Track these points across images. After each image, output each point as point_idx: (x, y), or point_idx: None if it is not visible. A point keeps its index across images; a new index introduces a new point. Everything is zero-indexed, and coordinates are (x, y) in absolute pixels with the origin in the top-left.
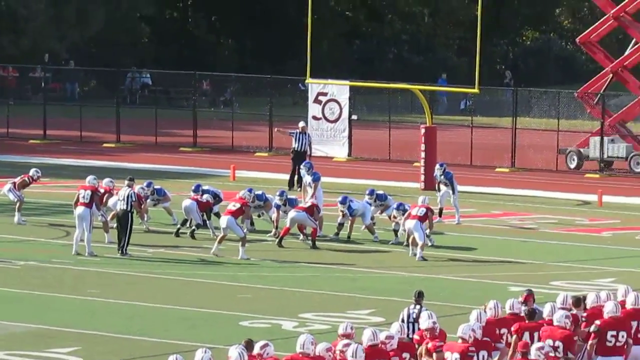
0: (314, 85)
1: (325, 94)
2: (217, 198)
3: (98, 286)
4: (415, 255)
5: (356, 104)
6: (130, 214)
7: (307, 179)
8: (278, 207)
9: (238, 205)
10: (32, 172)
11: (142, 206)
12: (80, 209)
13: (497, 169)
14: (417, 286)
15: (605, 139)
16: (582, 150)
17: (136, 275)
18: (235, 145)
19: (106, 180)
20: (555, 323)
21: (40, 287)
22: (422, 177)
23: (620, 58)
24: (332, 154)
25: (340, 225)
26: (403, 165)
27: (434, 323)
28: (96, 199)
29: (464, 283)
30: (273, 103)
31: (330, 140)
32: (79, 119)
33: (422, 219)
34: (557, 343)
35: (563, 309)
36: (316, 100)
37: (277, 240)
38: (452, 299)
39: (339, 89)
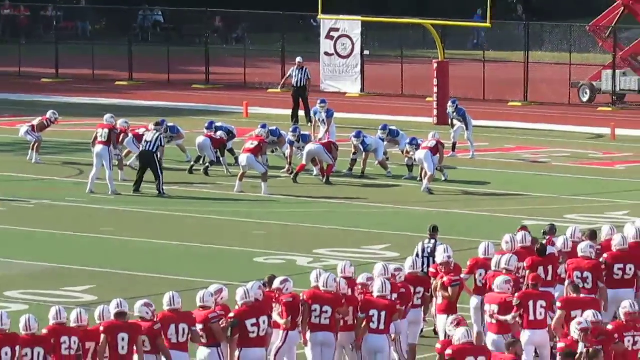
0: (326, 21)
1: (337, 30)
2: (230, 134)
3: (112, 224)
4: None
5: (368, 40)
6: (155, 156)
7: (320, 115)
8: (291, 143)
9: (256, 142)
10: (49, 114)
11: None
12: (98, 148)
13: (510, 103)
14: (431, 221)
15: (618, 72)
16: (594, 83)
17: (150, 213)
18: (247, 82)
19: (121, 120)
20: (580, 254)
21: (54, 225)
22: (435, 112)
23: None
24: (345, 90)
25: (353, 161)
26: (416, 100)
27: (449, 257)
28: (113, 137)
29: (478, 217)
30: (285, 39)
31: (342, 76)
32: (91, 58)
33: (432, 150)
34: (586, 274)
35: (574, 242)
36: (328, 36)
37: (292, 176)
38: (466, 234)
39: (351, 25)
